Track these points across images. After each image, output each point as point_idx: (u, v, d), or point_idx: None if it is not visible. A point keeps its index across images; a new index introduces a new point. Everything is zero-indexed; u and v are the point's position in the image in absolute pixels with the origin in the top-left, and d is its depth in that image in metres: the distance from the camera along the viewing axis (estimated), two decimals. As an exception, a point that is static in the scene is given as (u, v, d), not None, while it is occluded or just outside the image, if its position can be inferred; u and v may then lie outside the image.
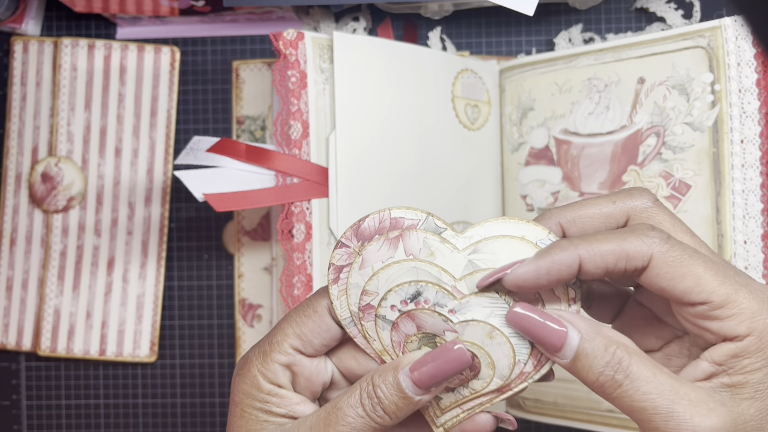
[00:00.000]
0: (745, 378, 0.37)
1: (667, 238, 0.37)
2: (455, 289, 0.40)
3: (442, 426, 0.42)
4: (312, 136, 0.56)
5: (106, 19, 0.71)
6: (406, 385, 0.39)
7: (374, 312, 0.40)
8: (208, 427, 0.71)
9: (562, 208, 0.41)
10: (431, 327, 0.40)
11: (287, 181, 0.55)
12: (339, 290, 0.41)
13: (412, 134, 0.60)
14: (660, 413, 0.36)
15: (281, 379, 0.41)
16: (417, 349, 0.40)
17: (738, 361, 0.37)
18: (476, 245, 0.39)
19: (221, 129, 0.71)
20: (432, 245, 0.40)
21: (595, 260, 0.37)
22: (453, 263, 0.39)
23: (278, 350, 0.41)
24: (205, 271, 0.71)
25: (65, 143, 0.69)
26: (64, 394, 0.71)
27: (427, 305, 0.40)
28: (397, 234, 0.40)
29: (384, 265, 0.40)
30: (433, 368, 0.39)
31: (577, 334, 0.38)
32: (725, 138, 0.55)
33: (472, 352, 0.40)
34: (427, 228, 0.40)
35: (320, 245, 0.56)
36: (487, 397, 0.41)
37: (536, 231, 0.40)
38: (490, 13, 0.70)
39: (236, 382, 0.41)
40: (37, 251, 0.70)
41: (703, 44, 0.56)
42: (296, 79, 0.56)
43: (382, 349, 0.41)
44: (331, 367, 0.42)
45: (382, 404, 0.39)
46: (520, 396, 0.63)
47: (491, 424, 0.42)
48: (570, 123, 0.61)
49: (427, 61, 0.61)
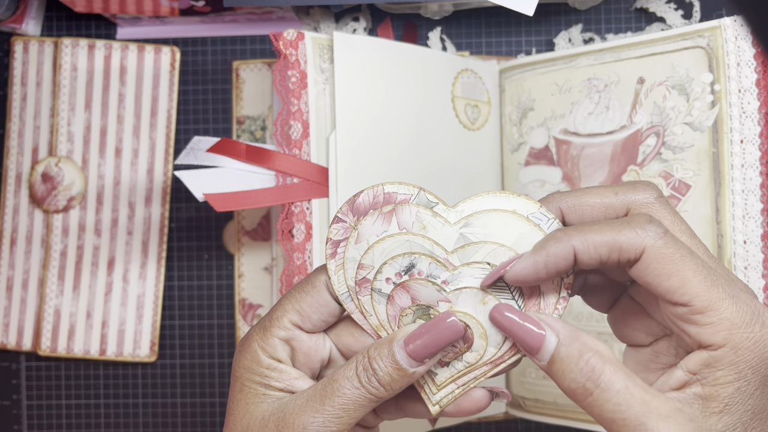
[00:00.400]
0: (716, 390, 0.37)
1: (663, 233, 0.37)
2: (447, 261, 0.41)
3: (438, 404, 0.42)
4: (312, 136, 0.56)
5: (107, 20, 0.71)
6: (400, 357, 0.40)
7: (370, 286, 0.41)
8: (208, 426, 0.71)
9: (564, 194, 0.41)
10: (425, 298, 0.41)
11: (287, 181, 0.55)
12: (336, 265, 0.42)
13: (412, 134, 0.60)
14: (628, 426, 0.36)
15: (280, 354, 0.42)
16: (412, 322, 0.41)
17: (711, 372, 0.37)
18: (467, 219, 0.41)
19: (221, 129, 0.71)
20: (424, 219, 0.41)
21: (588, 251, 0.38)
22: (445, 236, 0.41)
23: (278, 325, 0.42)
24: (205, 271, 0.71)
25: (65, 143, 0.69)
26: (64, 394, 0.71)
27: (421, 277, 0.41)
28: (391, 208, 0.41)
29: (378, 239, 0.41)
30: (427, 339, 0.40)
31: (555, 339, 0.38)
32: (725, 138, 0.55)
33: (465, 322, 0.41)
34: (419, 202, 0.41)
35: (320, 245, 0.56)
36: (481, 370, 0.42)
37: (527, 205, 0.40)
38: (490, 14, 0.70)
39: (237, 358, 0.42)
40: (37, 251, 0.70)
41: (702, 44, 0.56)
42: (296, 79, 0.56)
43: (378, 324, 0.42)
44: (329, 344, 0.43)
45: (377, 376, 0.40)
46: (520, 396, 0.64)
47: (486, 399, 0.42)
48: (570, 123, 0.61)
49: (427, 61, 0.61)
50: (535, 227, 0.40)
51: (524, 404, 0.63)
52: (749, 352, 0.36)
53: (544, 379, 0.62)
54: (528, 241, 0.40)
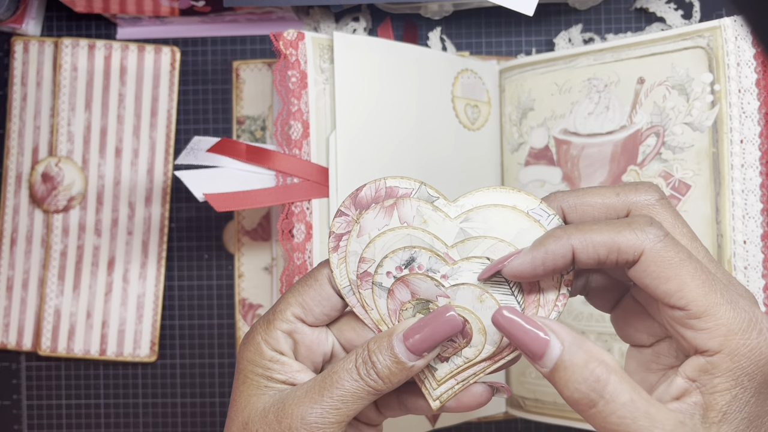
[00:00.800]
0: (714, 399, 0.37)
1: (663, 236, 0.37)
2: (447, 256, 0.41)
3: (439, 399, 0.43)
4: (312, 136, 0.56)
5: (107, 20, 0.71)
6: (399, 350, 0.40)
7: (371, 279, 0.42)
8: (209, 426, 0.71)
9: (566, 193, 0.41)
10: (425, 293, 0.41)
11: (287, 181, 0.56)
12: (339, 258, 0.42)
13: (412, 134, 0.60)
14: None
15: (283, 346, 0.42)
16: (412, 316, 0.42)
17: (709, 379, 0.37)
18: (468, 213, 0.41)
19: (221, 129, 0.71)
20: (425, 213, 0.41)
21: (587, 251, 0.38)
22: (445, 231, 0.41)
23: (281, 318, 0.42)
24: (205, 271, 0.71)
25: (66, 143, 0.70)
26: (64, 393, 0.71)
27: (421, 270, 0.41)
28: (392, 202, 0.41)
29: (380, 233, 0.42)
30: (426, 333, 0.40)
31: (560, 346, 0.38)
32: (725, 138, 0.55)
33: (464, 317, 0.41)
34: (420, 196, 0.41)
35: (321, 245, 0.56)
36: (480, 366, 0.42)
37: (528, 200, 0.41)
38: (490, 14, 0.70)
39: (241, 350, 0.43)
40: (37, 251, 0.70)
41: (702, 44, 0.56)
42: (296, 79, 0.56)
43: (379, 318, 0.43)
44: (331, 339, 0.44)
45: (376, 368, 0.40)
46: (520, 396, 0.64)
47: (487, 395, 0.43)
48: (570, 123, 0.61)
49: (427, 62, 0.61)
50: (536, 223, 0.40)
51: (524, 404, 0.63)
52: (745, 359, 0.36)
53: (544, 379, 0.62)
54: (528, 236, 0.40)
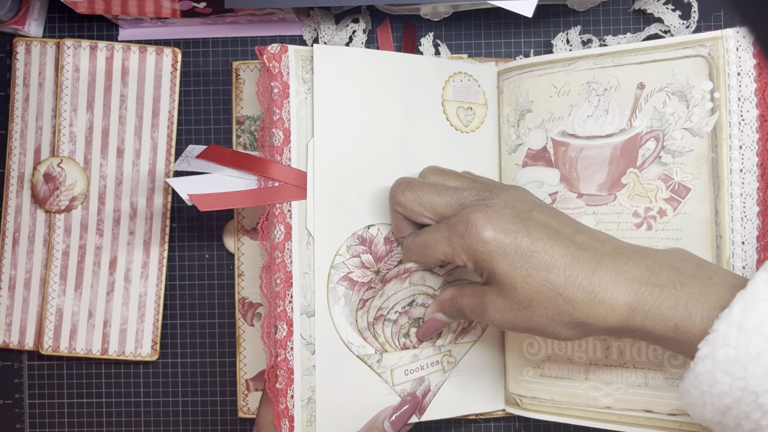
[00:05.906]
0: None
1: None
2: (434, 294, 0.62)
3: None
4: (293, 143, 0.58)
5: (109, 21, 0.71)
6: None
7: (383, 317, 0.60)
8: (210, 425, 0.71)
9: None
10: (417, 314, 0.61)
11: (269, 185, 0.57)
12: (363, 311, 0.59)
13: (395, 139, 0.61)
14: None
15: None
16: (407, 333, 0.61)
17: None
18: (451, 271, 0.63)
19: (222, 129, 0.71)
20: (425, 276, 0.62)
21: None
22: (435, 282, 0.62)
23: None
24: (206, 271, 0.71)
25: (68, 144, 0.70)
26: (66, 392, 0.71)
27: (417, 305, 0.62)
28: (407, 276, 0.61)
29: (395, 293, 0.61)
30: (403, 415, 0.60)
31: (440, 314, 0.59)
32: (724, 144, 0.55)
33: None
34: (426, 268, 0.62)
35: (299, 245, 0.57)
36: None
37: None
38: (488, 15, 0.70)
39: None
40: (39, 251, 0.71)
41: (703, 53, 0.56)
42: (279, 90, 0.58)
43: (384, 341, 0.60)
44: None
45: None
46: (517, 394, 0.64)
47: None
48: (568, 125, 0.62)
49: (414, 69, 0.62)
50: None
51: (521, 402, 0.64)
52: None
53: (542, 377, 0.63)
54: None
